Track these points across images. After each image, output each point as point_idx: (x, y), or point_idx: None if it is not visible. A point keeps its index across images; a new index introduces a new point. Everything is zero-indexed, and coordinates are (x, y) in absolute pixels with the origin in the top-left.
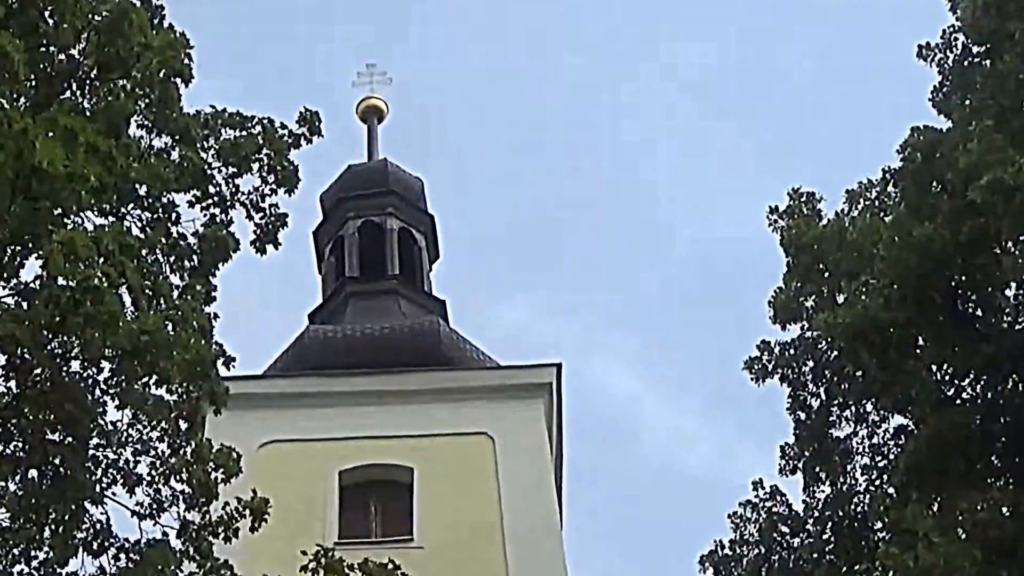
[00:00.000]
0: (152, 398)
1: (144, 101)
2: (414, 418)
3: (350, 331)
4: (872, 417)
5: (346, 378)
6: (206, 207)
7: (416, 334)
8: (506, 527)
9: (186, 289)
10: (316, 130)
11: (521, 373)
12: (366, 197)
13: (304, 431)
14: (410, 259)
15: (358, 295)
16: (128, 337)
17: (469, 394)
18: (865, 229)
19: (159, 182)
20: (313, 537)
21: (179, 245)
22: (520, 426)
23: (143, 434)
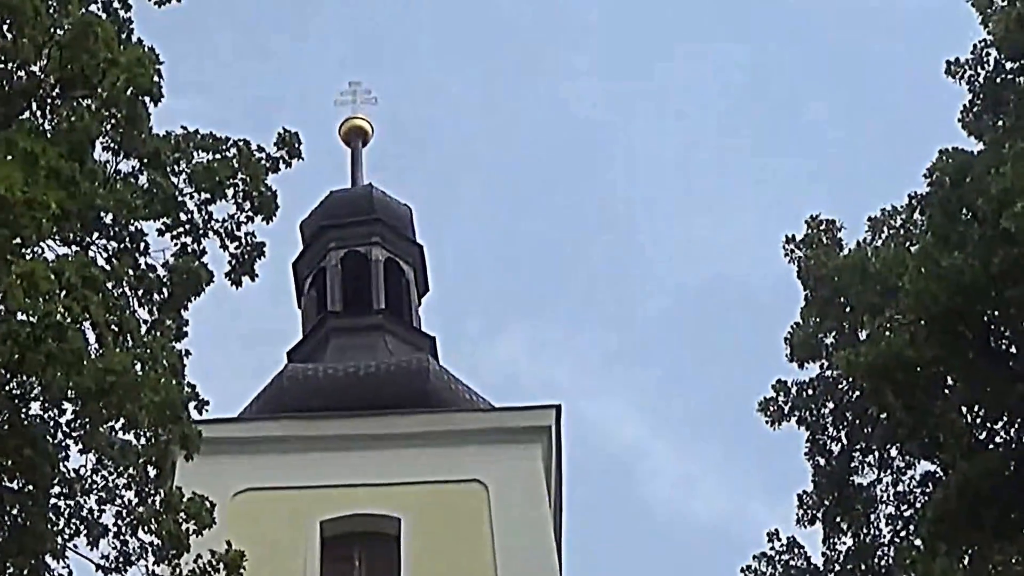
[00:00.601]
0: (118, 443)
1: (110, 121)
2: (401, 464)
3: (332, 370)
4: (897, 463)
5: (328, 421)
6: (177, 236)
7: (403, 373)
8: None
9: (155, 325)
10: (296, 153)
11: (517, 415)
12: (350, 226)
13: (283, 478)
14: (397, 292)
15: (341, 331)
16: (92, 377)
17: (461, 438)
18: (889, 260)
19: (126, 209)
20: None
21: (148, 277)
22: (516, 473)
23: (108, 481)
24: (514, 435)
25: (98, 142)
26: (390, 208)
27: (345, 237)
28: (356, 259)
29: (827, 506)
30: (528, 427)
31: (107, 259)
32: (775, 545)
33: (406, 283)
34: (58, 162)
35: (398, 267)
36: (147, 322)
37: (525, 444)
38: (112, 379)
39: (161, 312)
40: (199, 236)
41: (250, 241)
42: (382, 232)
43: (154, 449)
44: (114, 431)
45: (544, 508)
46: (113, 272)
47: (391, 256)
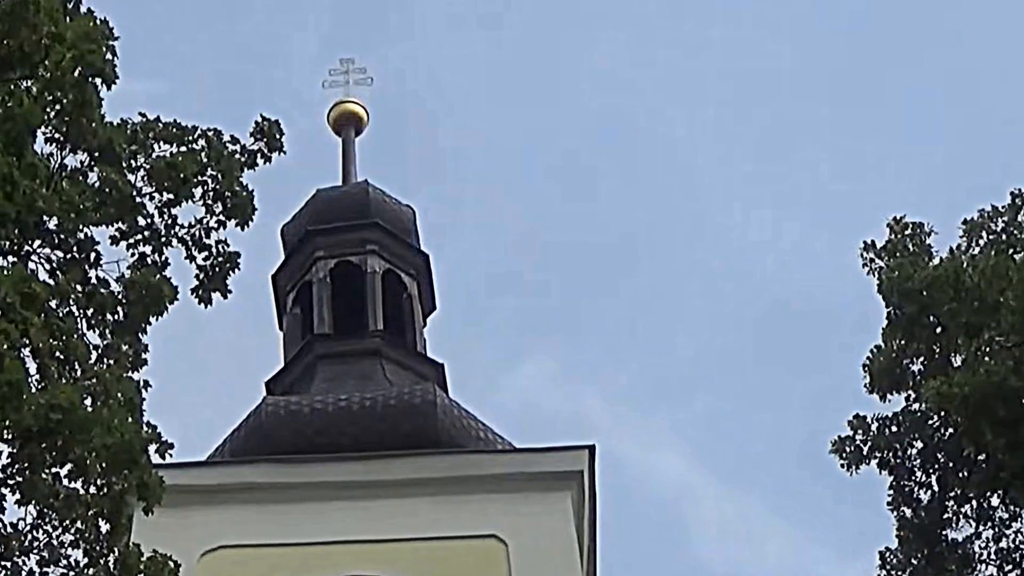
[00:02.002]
0: (64, 492)
1: (54, 108)
2: (404, 517)
3: (320, 404)
4: (999, 513)
5: (315, 466)
6: (134, 244)
7: (406, 408)
8: None
9: (108, 351)
10: (276, 144)
11: (543, 458)
12: (341, 231)
13: (261, 534)
14: (397, 311)
15: (331, 358)
16: (33, 414)
17: (475, 485)
18: (989, 271)
19: (73, 212)
20: None
21: (99, 294)
22: (541, 527)
23: (52, 538)
24: (539, 482)
25: (40, 132)
26: (389, 209)
27: (335, 244)
28: (348, 271)
29: (915, 566)
30: (556, 472)
31: (50, 272)
32: None
33: (408, 299)
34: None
35: (399, 280)
36: (98, 348)
37: (552, 492)
38: (56, 417)
39: (115, 336)
40: (161, 244)
41: (222, 250)
42: (379, 238)
43: (107, 500)
44: (59, 479)
45: (574, 567)
46: (58, 288)
47: (390, 267)
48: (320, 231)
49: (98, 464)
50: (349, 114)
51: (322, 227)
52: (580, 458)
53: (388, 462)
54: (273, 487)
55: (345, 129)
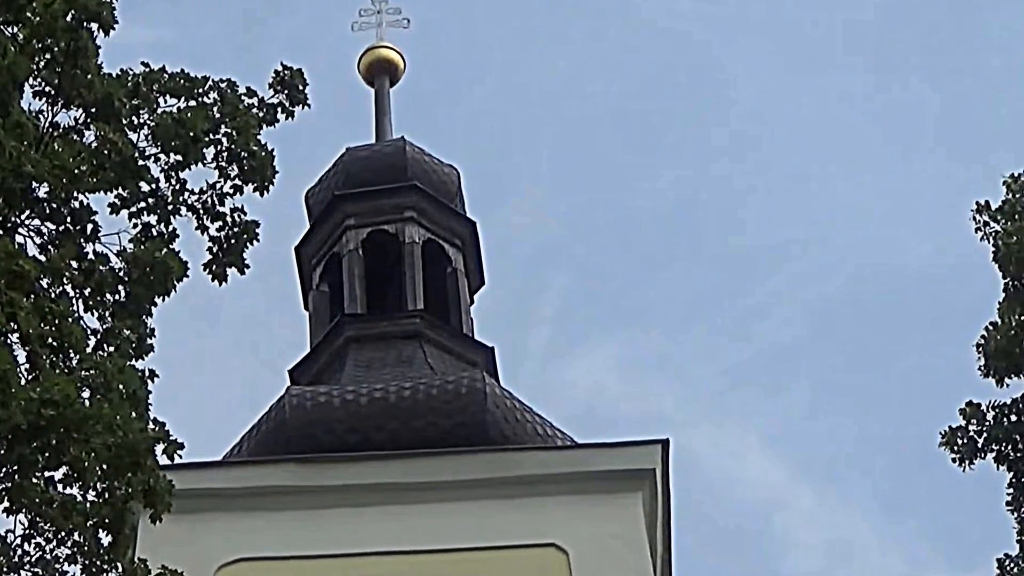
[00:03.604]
0: (59, 498)
1: (44, 57)
2: (450, 524)
3: (352, 396)
4: None
5: (347, 466)
6: (137, 213)
7: (451, 398)
8: None
9: (108, 337)
10: (299, 97)
11: (609, 455)
12: (374, 196)
13: (285, 544)
14: (440, 287)
15: (363, 341)
16: (23, 409)
17: (531, 487)
18: None
19: (67, 177)
20: None
21: (98, 271)
22: (607, 533)
23: (46, 552)
24: (604, 482)
25: (28, 85)
26: (429, 170)
27: (368, 211)
28: (383, 241)
29: None
30: (623, 471)
31: (41, 247)
32: None
33: (453, 274)
34: None
35: (441, 252)
36: (97, 333)
37: (620, 495)
38: (49, 412)
39: (116, 319)
40: (167, 213)
41: (238, 220)
42: (419, 204)
43: (108, 507)
44: (53, 483)
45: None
46: (49, 265)
47: (432, 237)
48: (350, 196)
49: (98, 466)
50: (383, 61)
51: (353, 191)
52: (651, 455)
53: (430, 461)
54: (298, 491)
55: (378, 78)
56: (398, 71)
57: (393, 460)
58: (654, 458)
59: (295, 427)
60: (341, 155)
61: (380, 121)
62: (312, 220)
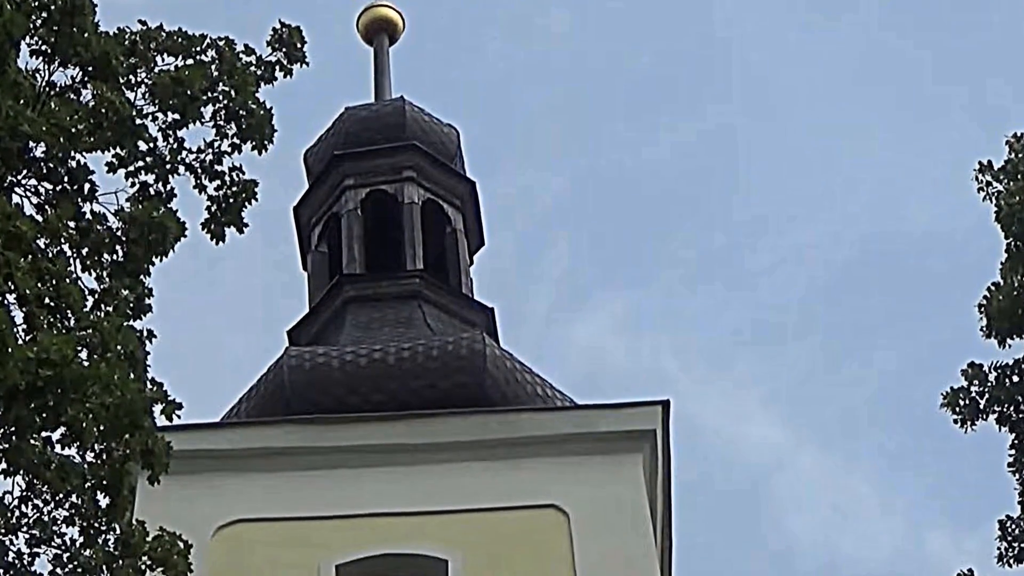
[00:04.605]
0: (56, 459)
1: (40, 15)
2: (448, 486)
3: (351, 356)
4: None
5: (345, 427)
6: (134, 173)
7: (450, 359)
8: None
9: (106, 297)
10: (297, 55)
11: (609, 416)
12: (373, 155)
13: (283, 506)
14: (439, 247)
15: (362, 302)
16: (20, 370)
17: (531, 448)
18: None
19: (64, 136)
20: None
21: (94, 231)
22: (607, 495)
23: (43, 513)
24: (605, 443)
25: (24, 44)
26: (429, 130)
27: (367, 171)
28: (382, 201)
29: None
30: (624, 432)
31: (38, 207)
32: None
33: (452, 234)
34: None
35: (441, 212)
36: (94, 293)
37: (620, 456)
38: (47, 373)
39: (114, 279)
40: (165, 172)
41: (236, 179)
42: (418, 164)
43: (106, 469)
44: (50, 444)
45: (647, 542)
46: (46, 225)
47: (431, 197)
48: (349, 155)
49: (95, 427)
50: (382, 19)
51: (352, 151)
52: (652, 416)
53: (430, 423)
54: (297, 452)
55: (377, 37)
56: (397, 30)
57: (392, 421)
58: (655, 419)
59: (294, 388)
60: (340, 115)
61: (379, 81)
62: (311, 180)
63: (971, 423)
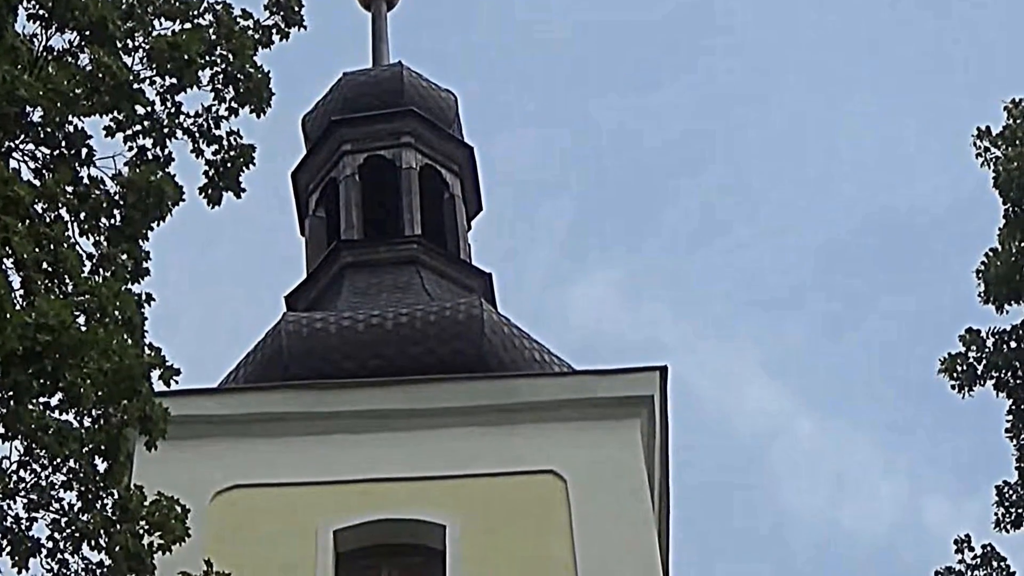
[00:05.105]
0: (54, 424)
1: None
2: (447, 451)
3: (348, 322)
4: None
5: (343, 392)
6: (132, 137)
7: (448, 324)
8: None
9: (103, 261)
10: (295, 19)
11: (607, 382)
12: (371, 121)
13: (281, 472)
14: (437, 212)
15: (360, 267)
16: (17, 335)
17: (528, 414)
18: None
19: (61, 101)
20: None
21: (92, 195)
22: (605, 460)
23: (41, 478)
24: (602, 409)
25: (21, 8)
26: (427, 96)
27: (365, 136)
28: (380, 166)
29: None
30: (622, 398)
31: (35, 171)
32: (966, 557)
33: (450, 200)
34: None
35: (439, 177)
36: (92, 257)
37: (618, 421)
38: (45, 338)
39: (111, 243)
40: (163, 137)
41: (234, 143)
42: (416, 129)
43: (104, 434)
44: (48, 409)
45: (644, 507)
46: (44, 189)
47: (429, 162)
48: (347, 121)
49: (93, 392)
50: None
51: (349, 116)
52: (650, 381)
53: (427, 388)
54: (295, 418)
55: (375, 3)
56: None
57: (390, 387)
58: (652, 385)
59: (291, 353)
60: (338, 80)
61: (377, 46)
62: (309, 145)
63: (969, 389)
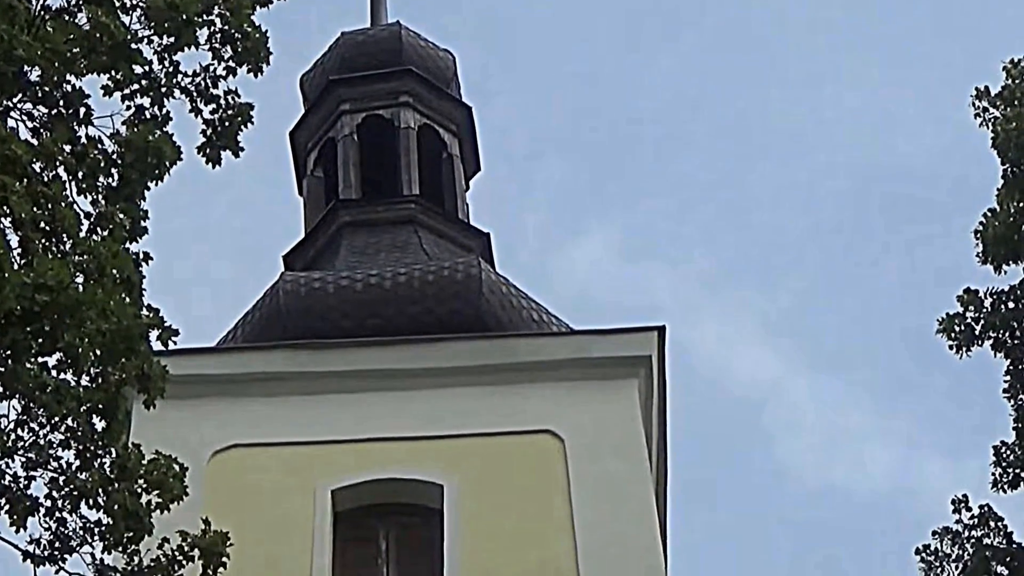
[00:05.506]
0: (52, 383)
1: None
2: (444, 411)
3: (346, 281)
4: None
5: (341, 352)
6: (130, 96)
7: (446, 284)
8: (583, 570)
9: (101, 221)
10: None
11: (605, 342)
12: (369, 80)
13: (279, 431)
14: (435, 172)
15: (358, 227)
16: (16, 295)
17: (526, 374)
18: None
19: (59, 60)
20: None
21: (90, 154)
22: (603, 420)
23: (39, 437)
24: (600, 369)
25: None
26: (425, 55)
27: (363, 96)
28: (378, 126)
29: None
30: (619, 357)
31: (33, 130)
32: (963, 517)
33: (448, 159)
34: None
35: (437, 137)
36: (90, 217)
37: (615, 381)
38: (43, 298)
39: (109, 202)
40: (161, 96)
41: (232, 102)
42: (414, 89)
43: (102, 393)
44: (46, 368)
45: (642, 467)
46: (42, 148)
47: (427, 122)
48: (345, 80)
49: (91, 352)
50: None
51: (348, 76)
52: (648, 341)
53: (425, 348)
54: (293, 377)
55: None
56: None
57: (387, 346)
58: (650, 345)
59: (289, 313)
60: (336, 39)
61: (375, 6)
62: (307, 105)
63: (967, 349)
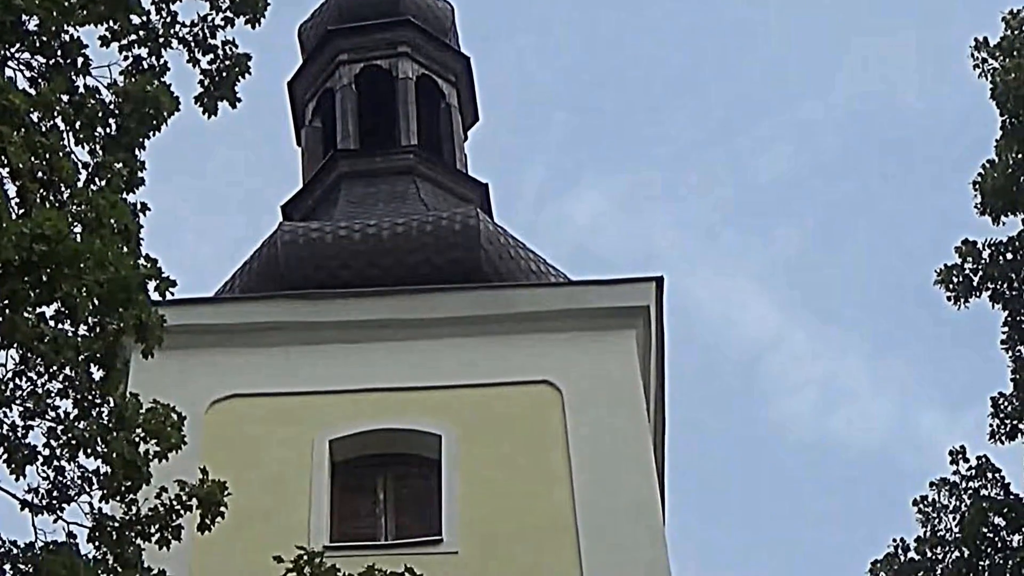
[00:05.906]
0: (50, 333)
1: None
2: (442, 361)
3: (344, 231)
4: None
5: (339, 302)
6: (128, 46)
7: (444, 234)
8: (580, 520)
9: (99, 171)
10: None
11: (603, 292)
12: (367, 30)
13: (277, 381)
14: (434, 122)
15: (356, 177)
16: (13, 245)
17: (524, 324)
18: None
19: (56, 10)
20: (292, 537)
21: (88, 104)
22: (601, 371)
23: (37, 386)
24: (598, 319)
25: None
26: (424, 5)
27: (361, 46)
28: (377, 76)
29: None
30: (617, 308)
31: (31, 80)
32: (960, 468)
33: (447, 109)
34: None
35: (435, 87)
36: (88, 167)
37: (613, 332)
38: (41, 248)
39: (107, 152)
40: (159, 46)
41: (229, 52)
42: (413, 39)
43: (100, 342)
44: (44, 319)
45: (640, 417)
46: (39, 98)
47: (426, 72)
48: (343, 31)
49: (89, 302)
50: None
51: (346, 26)
52: (646, 292)
53: (423, 298)
54: (291, 327)
55: None
56: None
57: (386, 296)
58: (648, 295)
59: (287, 263)
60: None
61: None
62: (305, 55)
63: (964, 300)
